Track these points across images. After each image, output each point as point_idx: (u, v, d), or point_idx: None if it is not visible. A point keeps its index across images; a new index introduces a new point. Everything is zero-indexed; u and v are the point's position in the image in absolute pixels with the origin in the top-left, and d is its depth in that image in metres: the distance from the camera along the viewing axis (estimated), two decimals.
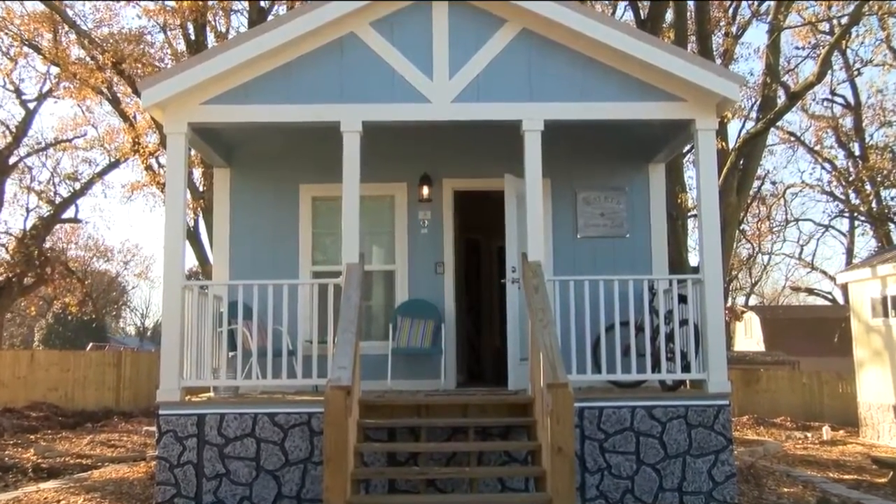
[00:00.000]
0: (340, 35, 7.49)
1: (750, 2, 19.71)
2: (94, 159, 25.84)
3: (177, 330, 7.10)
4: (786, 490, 8.98)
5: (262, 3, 17.48)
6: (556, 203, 8.94)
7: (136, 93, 15.45)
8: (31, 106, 24.81)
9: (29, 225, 25.56)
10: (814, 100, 24.91)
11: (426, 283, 8.91)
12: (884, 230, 26.03)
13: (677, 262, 13.80)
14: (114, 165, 24.50)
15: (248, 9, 18.09)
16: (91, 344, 30.87)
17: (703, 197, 7.44)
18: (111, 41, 17.91)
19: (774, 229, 31.39)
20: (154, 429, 7.89)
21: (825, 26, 20.36)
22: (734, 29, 19.45)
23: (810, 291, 40.11)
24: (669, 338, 7.50)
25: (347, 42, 7.51)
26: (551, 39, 7.51)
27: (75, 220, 29.05)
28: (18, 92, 24.54)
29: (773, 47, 17.64)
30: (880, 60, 21.77)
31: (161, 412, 7.03)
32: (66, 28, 18.30)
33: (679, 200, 15.32)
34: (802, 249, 37.25)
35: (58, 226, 28.94)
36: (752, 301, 43.02)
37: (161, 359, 7.15)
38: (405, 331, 8.54)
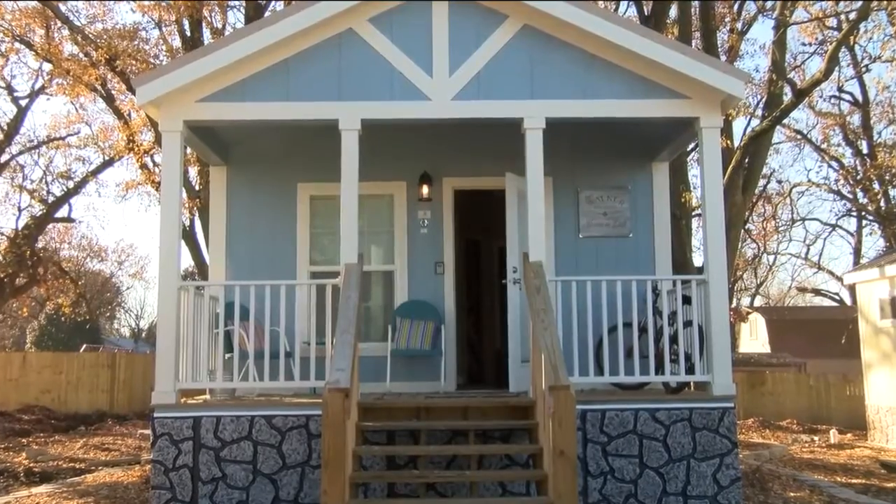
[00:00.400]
0: (339, 32, 7.51)
1: None
2: (87, 157, 25.83)
3: (172, 331, 7.11)
4: (792, 494, 9.00)
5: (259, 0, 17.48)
6: (558, 202, 8.96)
7: (131, 90, 15.43)
8: (23, 103, 24.82)
9: (21, 224, 25.58)
10: (821, 97, 24.89)
11: (426, 284, 8.93)
12: (892, 229, 26.02)
13: (681, 262, 13.81)
14: (108, 164, 24.49)
15: (244, 5, 18.10)
16: (85, 346, 30.92)
17: (707, 196, 7.45)
18: (105, 37, 17.88)
19: (780, 229, 31.44)
20: (149, 432, 7.92)
21: (832, 22, 20.36)
22: (739, 25, 19.44)
23: (817, 292, 40.14)
24: (673, 339, 7.52)
25: (346, 39, 7.53)
26: (553, 36, 7.53)
27: (68, 220, 29.03)
28: (10, 89, 24.54)
29: (779, 44, 17.65)
30: (889, 56, 21.71)
31: (156, 415, 7.04)
32: (59, 24, 18.28)
33: (683, 199, 15.33)
34: (809, 249, 37.24)
35: (51, 225, 28.94)
36: (758, 302, 43.07)
37: (156, 360, 7.17)
38: (404, 332, 8.56)
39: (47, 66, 20.76)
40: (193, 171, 17.62)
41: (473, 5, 7.53)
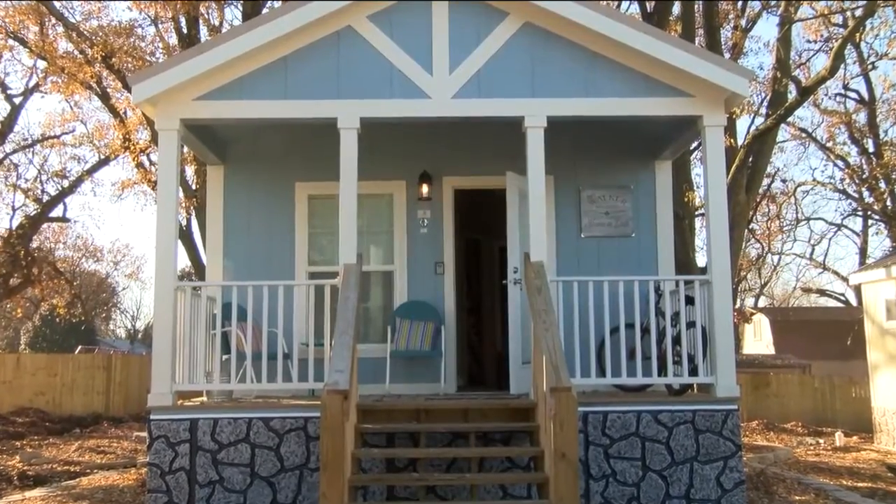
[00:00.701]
0: (337, 29, 7.52)
1: None
2: (82, 156, 25.81)
3: (169, 332, 7.12)
4: (797, 498, 9.01)
5: None
6: (560, 201, 8.97)
7: (127, 88, 15.46)
8: (17, 101, 24.82)
9: (15, 224, 25.55)
10: (826, 95, 24.84)
11: (426, 284, 8.94)
12: None
13: (684, 262, 13.82)
14: (103, 163, 24.48)
15: (241, 2, 18.10)
16: (80, 347, 30.90)
17: (710, 195, 7.46)
18: (100, 34, 17.88)
19: (785, 228, 31.39)
20: (145, 434, 7.91)
21: (838, 18, 20.35)
22: (743, 22, 19.44)
23: (822, 293, 40.19)
24: (676, 340, 7.52)
25: (345, 36, 7.54)
26: (555, 33, 7.54)
27: (63, 219, 29.02)
28: (3, 86, 24.53)
29: (784, 41, 17.64)
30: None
31: (152, 417, 7.05)
32: (54, 20, 18.27)
33: (686, 199, 15.33)
34: (814, 249, 37.31)
35: (45, 225, 28.92)
36: (762, 303, 43.08)
37: (152, 362, 7.17)
38: (404, 333, 8.57)
39: (42, 64, 20.73)
40: (190, 171, 17.64)
41: (474, 3, 7.54)
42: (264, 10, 16.58)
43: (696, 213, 17.14)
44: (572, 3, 7.35)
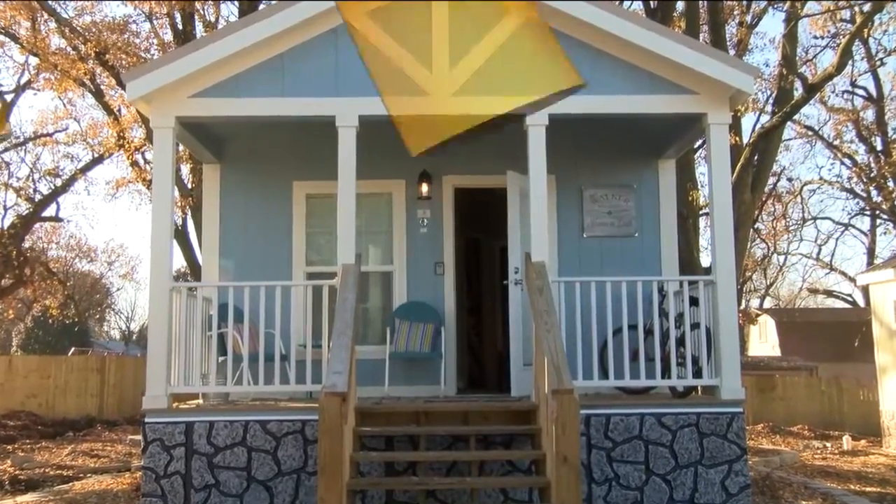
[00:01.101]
0: (335, 26, 7.51)
1: None
2: (76, 154, 25.81)
3: (164, 334, 7.13)
4: (804, 502, 9.02)
5: None
6: (562, 201, 8.98)
7: (121, 85, 15.45)
8: (9, 98, 24.84)
9: (7, 223, 25.58)
10: (833, 92, 24.92)
11: (425, 285, 8.95)
12: None
13: (688, 262, 13.84)
14: (97, 161, 24.50)
15: None
16: (73, 349, 30.91)
17: (715, 194, 7.48)
18: (94, 30, 17.90)
19: (791, 228, 31.44)
20: (139, 438, 7.94)
21: (845, 14, 20.37)
22: (749, 18, 19.47)
23: (829, 293, 40.21)
24: (680, 342, 7.54)
25: (343, 33, 7.51)
26: (557, 31, 7.52)
27: (56, 219, 29.03)
28: None
29: (790, 37, 17.67)
30: None
31: (147, 420, 7.06)
32: (46, 16, 18.30)
33: (690, 198, 15.36)
34: (820, 249, 37.19)
35: (38, 224, 28.94)
36: (767, 304, 43.08)
37: (147, 364, 7.19)
38: (403, 334, 8.58)
39: (34, 60, 20.75)
40: (186, 169, 17.67)
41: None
42: (261, 7, 16.59)
43: (701, 212, 17.17)
44: (575, 1, 7.35)
